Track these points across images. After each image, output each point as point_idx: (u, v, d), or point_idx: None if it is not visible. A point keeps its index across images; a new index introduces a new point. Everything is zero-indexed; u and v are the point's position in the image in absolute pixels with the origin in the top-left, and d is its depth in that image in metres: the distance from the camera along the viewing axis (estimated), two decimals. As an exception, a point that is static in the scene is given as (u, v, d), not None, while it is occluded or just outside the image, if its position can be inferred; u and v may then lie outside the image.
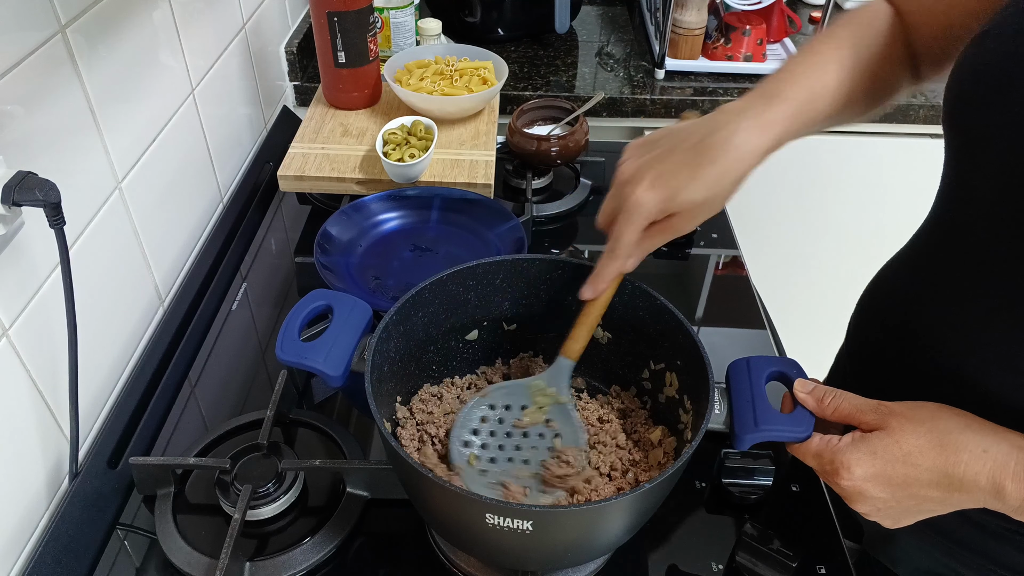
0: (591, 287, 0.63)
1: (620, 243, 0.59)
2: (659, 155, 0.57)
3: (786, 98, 0.58)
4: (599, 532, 0.57)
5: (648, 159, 0.57)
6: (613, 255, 0.60)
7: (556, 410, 0.67)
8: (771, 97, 0.58)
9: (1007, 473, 0.50)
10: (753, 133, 0.56)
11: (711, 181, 0.56)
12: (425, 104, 1.12)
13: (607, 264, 0.61)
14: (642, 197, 0.56)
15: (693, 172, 0.56)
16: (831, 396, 0.58)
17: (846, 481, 0.54)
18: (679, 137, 0.58)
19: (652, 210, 0.56)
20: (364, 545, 0.69)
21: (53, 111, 0.69)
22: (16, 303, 0.65)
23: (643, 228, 0.58)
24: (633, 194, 0.56)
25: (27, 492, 0.67)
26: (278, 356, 0.61)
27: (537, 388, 0.67)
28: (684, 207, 0.57)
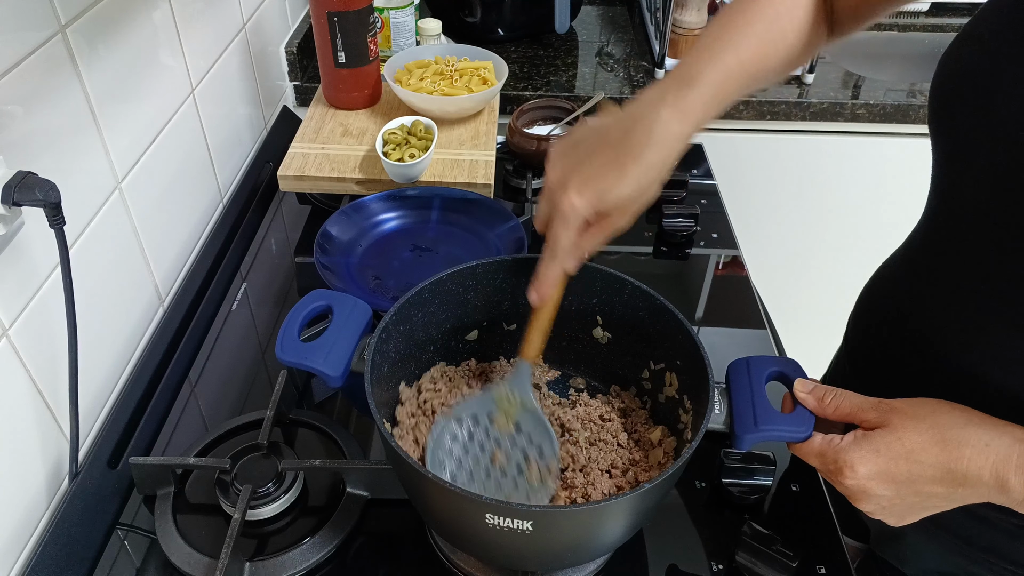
0: (536, 292, 0.63)
1: (558, 246, 0.59)
2: (583, 157, 0.57)
3: (702, 82, 0.57)
4: (599, 532, 0.57)
5: (572, 163, 0.58)
6: (552, 257, 0.60)
7: (524, 416, 0.66)
8: (687, 82, 0.57)
9: (1010, 467, 0.50)
10: (672, 123, 0.56)
11: (638, 176, 0.56)
12: (425, 104, 1.12)
13: (548, 267, 0.61)
14: (573, 202, 0.56)
15: (620, 171, 0.56)
16: (831, 395, 0.58)
17: (850, 480, 0.54)
18: (600, 135, 0.58)
19: (583, 214, 0.57)
20: (364, 545, 0.69)
21: (53, 111, 0.69)
22: (16, 303, 0.65)
23: (578, 231, 0.58)
24: (564, 200, 0.56)
25: (27, 492, 0.67)
26: (278, 356, 0.61)
27: (500, 396, 0.67)
28: (615, 206, 0.57)
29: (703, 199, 1.15)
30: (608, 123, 0.58)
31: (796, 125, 1.44)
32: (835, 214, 1.60)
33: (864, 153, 1.48)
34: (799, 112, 1.40)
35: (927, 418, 0.53)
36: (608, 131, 0.57)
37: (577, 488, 0.65)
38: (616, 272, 0.70)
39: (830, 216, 1.60)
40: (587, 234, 0.59)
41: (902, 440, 0.53)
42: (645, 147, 0.56)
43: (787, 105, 1.40)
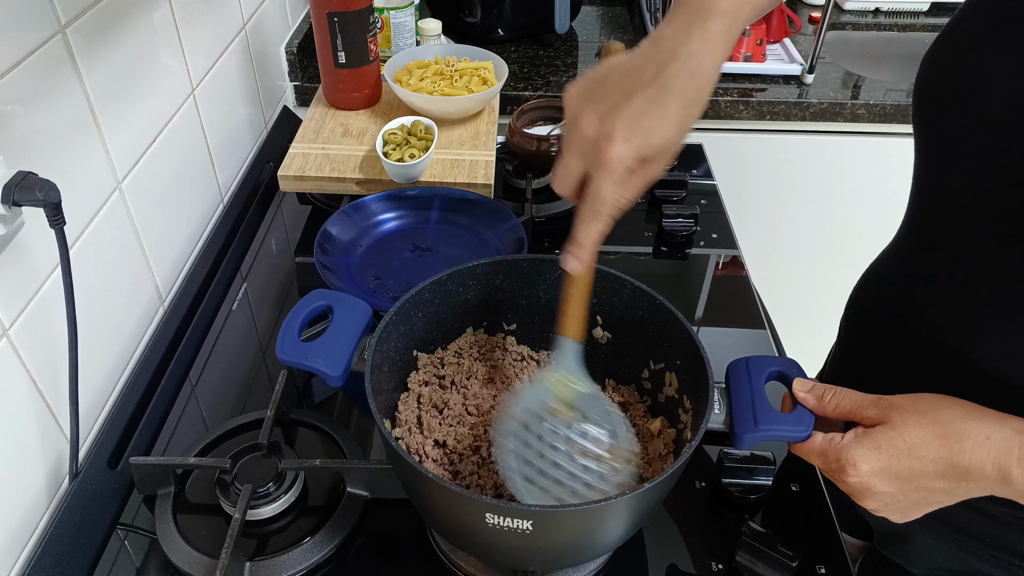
0: (576, 258, 0.57)
1: (603, 202, 0.54)
2: (618, 101, 0.52)
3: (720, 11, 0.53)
4: (599, 532, 0.57)
5: (608, 107, 0.52)
6: (597, 216, 0.55)
7: (583, 400, 0.62)
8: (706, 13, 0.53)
9: (1012, 458, 0.50)
10: (705, 56, 0.53)
11: (681, 116, 0.52)
12: (425, 104, 1.12)
13: (590, 227, 0.55)
14: (618, 150, 0.52)
15: (662, 112, 0.52)
16: (831, 393, 0.58)
17: (852, 478, 0.54)
18: (632, 76, 0.53)
19: (630, 162, 0.53)
20: (364, 545, 0.69)
21: (53, 111, 0.69)
22: (16, 303, 0.65)
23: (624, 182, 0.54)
24: (610, 151, 0.52)
25: (27, 492, 0.67)
26: (278, 356, 0.61)
27: (553, 383, 0.62)
28: (661, 149, 0.53)
29: (703, 199, 1.15)
30: (633, 62, 0.53)
31: (796, 125, 1.44)
32: (835, 214, 1.60)
33: (864, 153, 1.49)
34: (799, 112, 1.40)
35: (927, 413, 0.53)
36: (638, 71, 0.52)
37: None
38: (616, 272, 0.70)
39: (830, 216, 1.60)
40: (629, 183, 0.54)
41: (903, 436, 0.53)
42: (686, 83, 0.52)
43: (787, 105, 1.40)
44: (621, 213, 0.55)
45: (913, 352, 0.69)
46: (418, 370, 0.72)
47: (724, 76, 1.45)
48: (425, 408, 0.70)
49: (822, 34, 1.37)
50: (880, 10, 1.75)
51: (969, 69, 0.56)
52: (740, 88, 1.42)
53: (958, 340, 0.63)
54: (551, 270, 0.73)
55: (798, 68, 1.44)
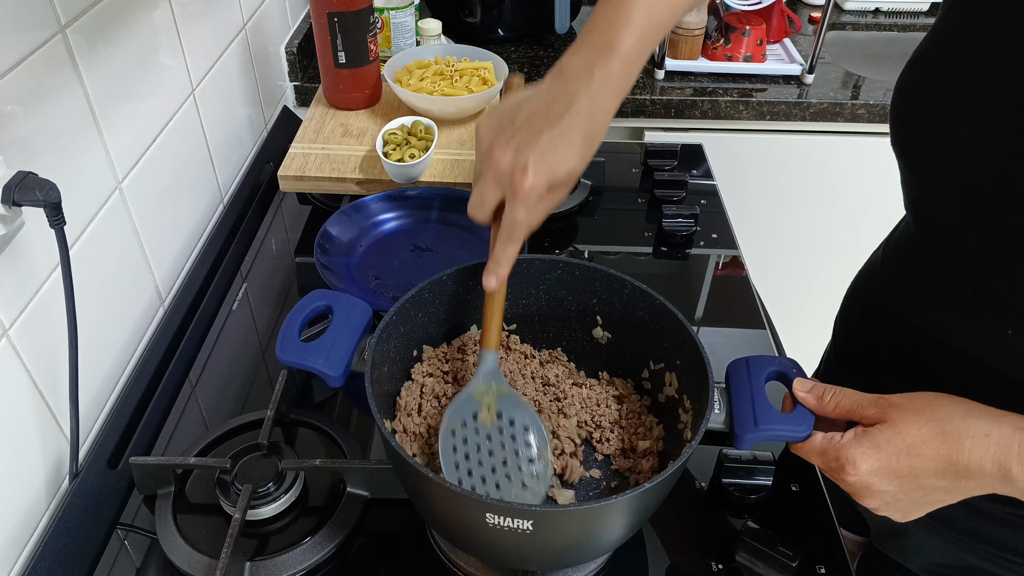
0: (494, 276, 0.63)
1: (518, 226, 0.60)
2: (528, 136, 0.58)
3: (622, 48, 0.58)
4: (600, 531, 0.57)
5: (519, 142, 0.58)
6: (511, 238, 0.60)
7: (504, 401, 0.66)
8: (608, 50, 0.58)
9: (1012, 455, 0.50)
10: (605, 96, 0.58)
11: (584, 150, 0.58)
12: (425, 104, 1.12)
13: (506, 248, 0.61)
14: (531, 180, 0.57)
15: (568, 145, 0.58)
16: (831, 393, 0.58)
17: (852, 477, 0.54)
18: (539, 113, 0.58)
19: (541, 190, 0.58)
20: (364, 545, 0.69)
21: (53, 111, 0.69)
22: (16, 303, 0.65)
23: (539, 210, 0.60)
24: (524, 182, 0.57)
25: (27, 492, 0.67)
26: (278, 356, 0.61)
27: (479, 392, 0.66)
28: (567, 179, 0.59)
29: (703, 199, 1.15)
30: (540, 99, 0.59)
31: (796, 125, 1.44)
32: (835, 214, 1.60)
33: (864, 153, 1.48)
34: (799, 112, 1.40)
35: (926, 411, 0.53)
36: (547, 107, 0.58)
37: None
38: (616, 272, 0.70)
39: (830, 216, 1.60)
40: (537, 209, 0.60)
41: (902, 434, 0.53)
42: (588, 121, 0.58)
43: (787, 105, 1.40)
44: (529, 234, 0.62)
45: (906, 351, 0.69)
46: (423, 362, 0.72)
47: (724, 76, 1.45)
48: (427, 398, 0.70)
49: (822, 34, 1.37)
50: (880, 10, 1.75)
51: (939, 91, 0.59)
52: (740, 88, 1.42)
53: (951, 339, 0.63)
54: (550, 270, 0.73)
55: (798, 68, 1.44)
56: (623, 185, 1.18)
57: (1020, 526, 0.65)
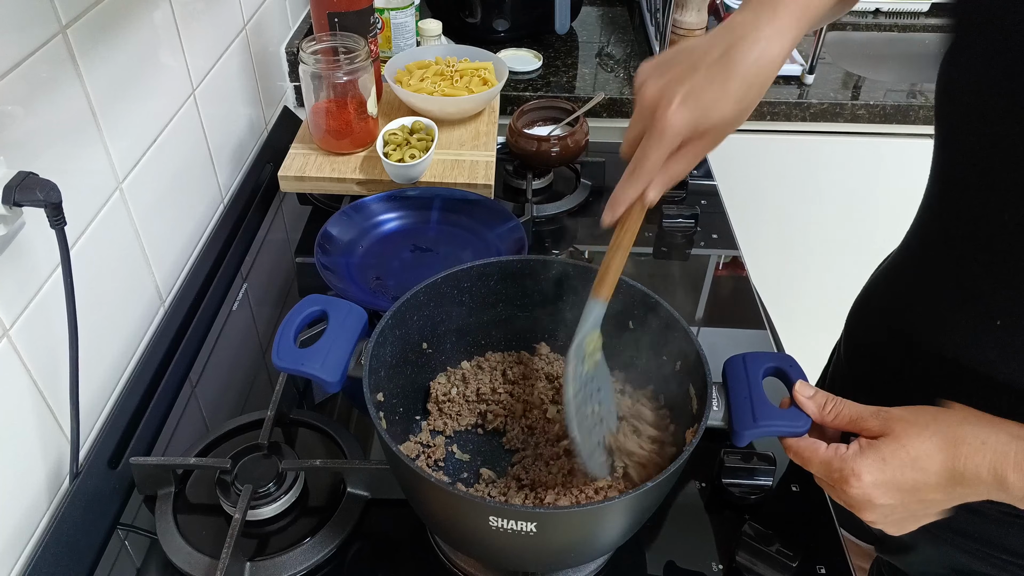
0: (609, 212, 0.59)
1: (644, 165, 0.56)
2: (682, 72, 0.54)
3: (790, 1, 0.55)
4: (601, 531, 0.57)
5: (672, 77, 0.54)
6: (633, 177, 0.56)
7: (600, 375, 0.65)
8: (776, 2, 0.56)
9: (1008, 463, 0.50)
10: (773, 42, 0.55)
11: (741, 94, 0.54)
12: (425, 105, 1.12)
13: (626, 187, 0.57)
14: (674, 117, 0.53)
15: (723, 87, 0.54)
16: (832, 403, 0.58)
17: (855, 489, 0.53)
18: (698, 54, 0.55)
19: (684, 130, 0.54)
20: (364, 545, 0.69)
21: (54, 111, 0.69)
22: (17, 303, 0.65)
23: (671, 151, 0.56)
24: (665, 115, 0.53)
25: (27, 492, 0.67)
26: (274, 363, 0.61)
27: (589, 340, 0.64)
28: (716, 124, 0.55)
29: (703, 199, 1.15)
30: (703, 43, 0.56)
31: (796, 125, 1.44)
32: (835, 214, 1.60)
33: (864, 153, 1.49)
34: (799, 112, 1.40)
35: (930, 425, 0.53)
36: (705, 50, 0.55)
37: None
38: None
39: (830, 216, 1.60)
40: (676, 156, 0.56)
41: (907, 448, 0.52)
42: (747, 66, 0.54)
43: (787, 105, 1.40)
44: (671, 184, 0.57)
45: (919, 358, 0.68)
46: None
47: (724, 76, 1.45)
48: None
49: (822, 34, 1.37)
50: (880, 10, 1.75)
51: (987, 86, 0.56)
52: (740, 88, 1.42)
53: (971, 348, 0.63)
54: (545, 271, 0.73)
55: (798, 68, 1.44)
56: (623, 185, 1.18)
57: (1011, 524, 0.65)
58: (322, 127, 1.06)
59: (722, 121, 0.55)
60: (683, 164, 0.56)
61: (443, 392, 0.75)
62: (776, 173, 1.53)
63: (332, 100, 1.04)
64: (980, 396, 0.57)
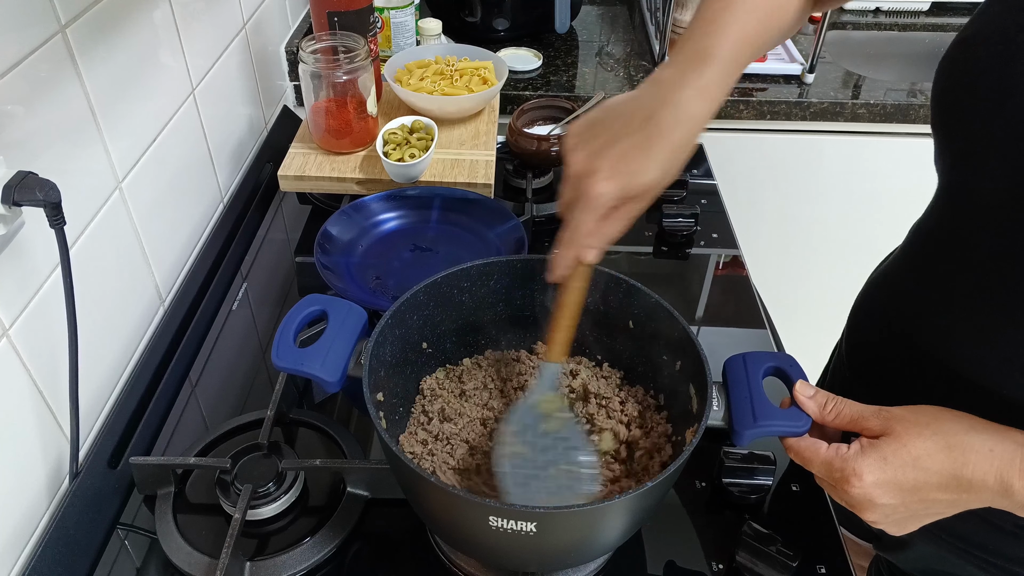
0: (551, 273, 0.62)
1: (577, 231, 0.58)
2: (607, 142, 0.56)
3: (717, 58, 0.57)
4: (601, 531, 0.57)
5: (597, 147, 0.56)
6: (568, 242, 0.59)
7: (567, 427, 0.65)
8: (703, 59, 0.57)
9: (1014, 471, 0.50)
10: (696, 103, 0.56)
11: (665, 159, 0.56)
12: (425, 104, 1.12)
13: (563, 251, 0.60)
14: (601, 188, 0.55)
15: (647, 154, 0.55)
16: (833, 403, 0.57)
17: (856, 489, 0.53)
18: (622, 118, 0.57)
19: (611, 199, 0.56)
20: (364, 545, 0.69)
21: (53, 111, 0.69)
22: (16, 303, 0.65)
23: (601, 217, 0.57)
24: (593, 186, 0.55)
25: (27, 492, 0.67)
26: (274, 363, 0.61)
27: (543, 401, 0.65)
28: (644, 189, 0.56)
29: (703, 199, 1.15)
30: (628, 105, 0.57)
31: (796, 125, 1.44)
32: (835, 214, 1.60)
33: (864, 153, 1.48)
34: (799, 112, 1.40)
35: (930, 425, 0.53)
36: (631, 114, 0.56)
37: None
38: (612, 271, 0.70)
39: (830, 216, 1.60)
40: (609, 219, 0.58)
41: (908, 447, 0.52)
42: (672, 129, 0.55)
43: (787, 105, 1.40)
44: (607, 245, 0.60)
45: (922, 362, 0.68)
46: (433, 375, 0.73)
47: (724, 76, 1.45)
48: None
49: (822, 34, 1.37)
50: (880, 10, 1.75)
51: (997, 70, 0.56)
52: (740, 88, 1.42)
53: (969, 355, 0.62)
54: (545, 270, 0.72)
55: (798, 68, 1.44)
56: (623, 185, 1.18)
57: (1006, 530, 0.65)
58: (322, 126, 1.06)
59: (649, 186, 0.56)
60: (617, 226, 0.59)
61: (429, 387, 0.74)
62: (776, 172, 1.52)
63: (332, 99, 1.04)
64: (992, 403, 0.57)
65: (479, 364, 0.77)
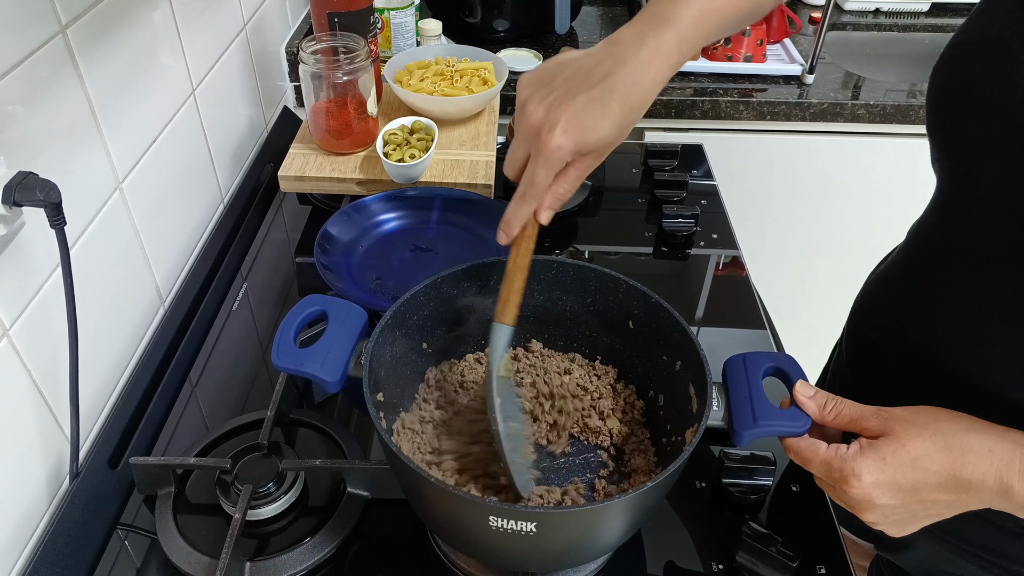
0: (503, 232, 0.62)
1: (533, 186, 0.58)
2: (563, 96, 0.56)
3: (677, 23, 0.57)
4: (601, 531, 0.57)
5: (554, 99, 0.56)
6: (525, 198, 0.59)
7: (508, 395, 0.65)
8: (663, 22, 0.57)
9: (1013, 471, 0.50)
10: (653, 64, 0.56)
11: (621, 117, 0.56)
12: (425, 105, 1.12)
13: (519, 208, 0.59)
14: (557, 141, 0.55)
15: (603, 111, 0.55)
16: (832, 403, 0.57)
17: (855, 489, 0.53)
18: (581, 74, 0.56)
19: (567, 153, 0.56)
20: (364, 545, 0.69)
21: (54, 111, 0.69)
22: (17, 303, 0.65)
23: (557, 171, 0.58)
24: (549, 139, 0.55)
25: (27, 492, 0.67)
26: (274, 363, 0.61)
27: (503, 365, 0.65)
28: (598, 146, 0.57)
29: (703, 199, 1.15)
30: (585, 61, 0.57)
31: (796, 125, 1.44)
32: (835, 214, 1.60)
33: (864, 153, 1.49)
34: (799, 112, 1.40)
35: (929, 425, 0.53)
36: (590, 69, 0.56)
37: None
38: (611, 271, 0.70)
39: (830, 216, 1.60)
40: (562, 175, 0.58)
41: (907, 447, 0.52)
42: (630, 88, 0.56)
43: (787, 105, 1.40)
44: (559, 202, 0.60)
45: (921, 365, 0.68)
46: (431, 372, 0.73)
47: (724, 76, 1.45)
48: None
49: (822, 34, 1.37)
50: (880, 10, 1.75)
51: (995, 74, 0.56)
52: (740, 88, 1.42)
53: (968, 357, 0.62)
54: (544, 270, 0.73)
55: (798, 68, 1.44)
56: (623, 185, 1.18)
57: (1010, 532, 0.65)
58: (322, 127, 1.06)
59: (603, 142, 0.57)
60: (569, 183, 0.59)
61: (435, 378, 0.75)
62: (776, 173, 1.53)
63: (332, 100, 1.04)
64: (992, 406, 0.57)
65: (480, 361, 0.77)
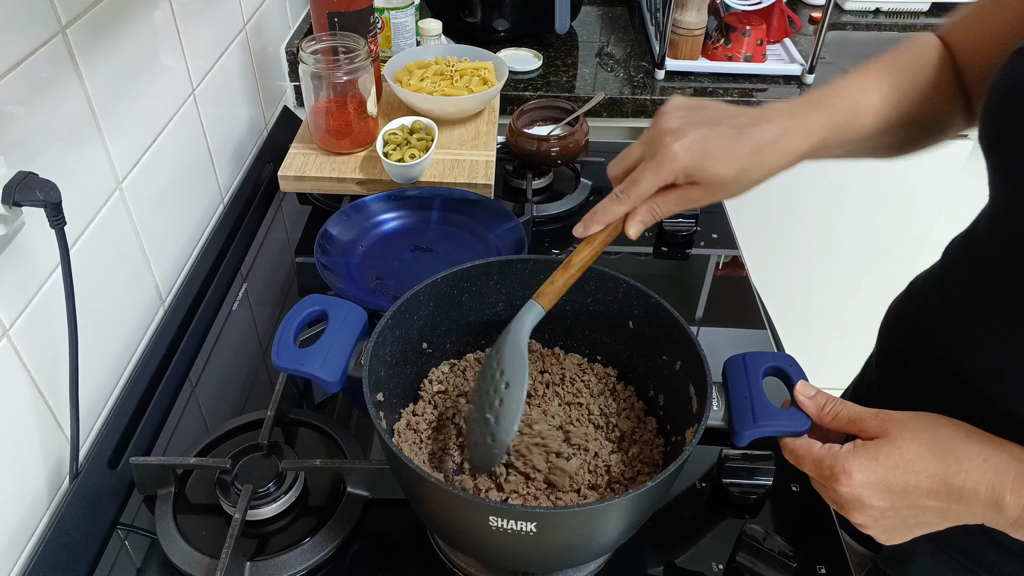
0: (584, 225, 0.61)
1: (635, 188, 0.57)
2: (705, 120, 0.57)
3: (831, 107, 0.59)
4: (601, 531, 0.57)
5: (694, 119, 0.57)
6: (623, 196, 0.58)
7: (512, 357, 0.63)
8: (816, 105, 0.59)
9: (1007, 484, 0.50)
10: (796, 135, 0.58)
11: (745, 162, 0.56)
12: (425, 104, 1.12)
13: (613, 204, 0.59)
14: (679, 150, 0.55)
15: (732, 148, 0.56)
16: (831, 403, 0.57)
17: (845, 487, 0.53)
18: (726, 114, 0.58)
19: (682, 167, 0.56)
20: (364, 545, 0.69)
21: (54, 111, 0.69)
22: (17, 303, 0.65)
23: (664, 183, 0.57)
24: (672, 145, 0.55)
25: (27, 492, 0.67)
26: (274, 363, 0.61)
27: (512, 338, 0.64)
28: (710, 179, 0.56)
29: (703, 199, 1.14)
30: (738, 110, 0.59)
31: (796, 125, 1.43)
32: (835, 214, 1.60)
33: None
34: (799, 112, 1.40)
35: (926, 430, 0.53)
36: (736, 115, 0.58)
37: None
38: (611, 271, 0.70)
39: (830, 216, 1.60)
40: (664, 195, 0.58)
41: (900, 449, 0.52)
42: (766, 143, 0.57)
43: (787, 105, 1.39)
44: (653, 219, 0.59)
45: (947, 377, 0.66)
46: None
47: (724, 76, 1.45)
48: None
49: (822, 34, 1.37)
50: (880, 10, 1.75)
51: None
52: (740, 88, 1.42)
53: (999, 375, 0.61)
54: (545, 270, 0.72)
55: (798, 68, 1.44)
56: (623, 185, 1.18)
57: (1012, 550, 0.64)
58: (322, 127, 1.06)
59: (717, 177, 0.56)
60: (668, 205, 0.58)
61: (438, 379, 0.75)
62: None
63: (332, 100, 1.04)
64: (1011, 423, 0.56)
65: (480, 361, 0.77)
